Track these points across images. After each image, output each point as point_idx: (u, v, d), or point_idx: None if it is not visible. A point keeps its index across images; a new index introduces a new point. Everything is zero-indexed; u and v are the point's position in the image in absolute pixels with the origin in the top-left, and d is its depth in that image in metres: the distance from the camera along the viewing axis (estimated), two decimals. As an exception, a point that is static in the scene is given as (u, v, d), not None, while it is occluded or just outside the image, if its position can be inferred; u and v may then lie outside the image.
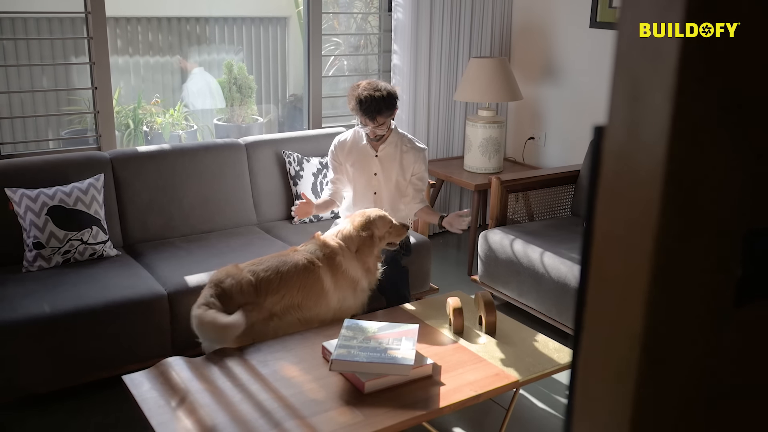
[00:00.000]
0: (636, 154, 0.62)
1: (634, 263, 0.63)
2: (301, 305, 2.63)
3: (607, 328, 0.67)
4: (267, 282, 2.58)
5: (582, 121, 4.26)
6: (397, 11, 4.27)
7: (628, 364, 0.65)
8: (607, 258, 0.67)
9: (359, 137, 3.19)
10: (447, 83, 4.48)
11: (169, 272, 2.98)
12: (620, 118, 0.63)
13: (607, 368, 0.67)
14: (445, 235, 4.69)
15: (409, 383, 2.22)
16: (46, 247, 2.92)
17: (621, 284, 0.65)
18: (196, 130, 5.80)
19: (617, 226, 0.65)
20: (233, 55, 6.05)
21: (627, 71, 0.62)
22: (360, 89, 3.01)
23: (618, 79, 0.63)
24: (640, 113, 0.61)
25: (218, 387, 2.21)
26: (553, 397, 2.86)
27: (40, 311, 2.59)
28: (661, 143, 0.60)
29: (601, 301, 0.68)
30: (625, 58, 0.62)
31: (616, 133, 0.64)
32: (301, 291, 2.63)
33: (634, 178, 0.63)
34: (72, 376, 2.68)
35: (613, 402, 0.67)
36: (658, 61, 0.59)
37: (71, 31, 5.28)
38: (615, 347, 0.66)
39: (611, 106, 0.64)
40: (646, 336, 0.63)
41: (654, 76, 0.60)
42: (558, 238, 3.43)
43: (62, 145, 4.69)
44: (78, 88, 5.00)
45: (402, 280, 3.09)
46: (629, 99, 0.62)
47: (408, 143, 3.19)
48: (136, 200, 3.31)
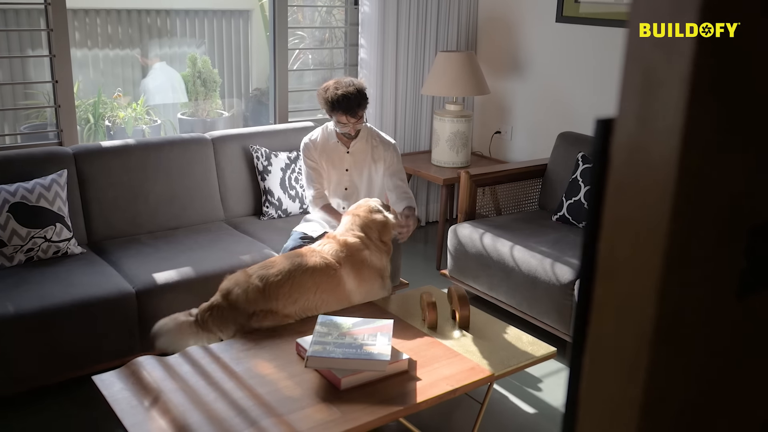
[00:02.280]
0: (648, 146, 0.62)
1: (645, 254, 0.63)
2: (319, 307, 2.59)
3: (615, 320, 0.67)
4: (277, 286, 2.51)
5: (548, 115, 4.30)
6: (364, 5, 4.25)
7: (639, 352, 0.65)
8: (617, 249, 0.67)
9: (328, 135, 3.18)
10: (414, 77, 4.48)
11: (136, 270, 2.91)
12: (632, 110, 0.63)
13: (616, 358, 0.67)
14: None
15: (385, 379, 2.21)
16: (8, 246, 2.83)
17: (631, 275, 0.65)
18: (159, 125, 5.69)
19: (628, 217, 0.65)
20: (195, 48, 5.95)
21: (639, 64, 0.62)
22: (331, 90, 3.00)
23: (629, 72, 0.63)
24: (653, 106, 0.61)
25: (191, 386, 2.17)
26: (525, 389, 2.89)
27: (3, 311, 2.50)
28: (674, 136, 0.60)
29: (610, 293, 0.68)
30: (636, 52, 0.62)
31: (627, 125, 0.64)
32: (319, 293, 2.58)
33: (645, 170, 0.63)
34: (39, 377, 2.61)
35: (623, 392, 0.67)
36: (672, 54, 0.59)
37: (27, 23, 5.12)
38: (624, 338, 0.66)
39: (622, 98, 0.64)
40: (657, 325, 0.63)
41: (667, 69, 0.60)
42: (527, 231, 3.46)
43: (20, 141, 4.54)
44: (38, 82, 4.86)
45: None
46: (641, 92, 0.62)
47: (377, 137, 3.21)
48: (101, 196, 3.23)
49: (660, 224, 0.62)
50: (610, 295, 0.68)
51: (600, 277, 0.69)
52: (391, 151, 3.21)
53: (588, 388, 0.71)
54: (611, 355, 0.68)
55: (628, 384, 0.67)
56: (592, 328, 0.70)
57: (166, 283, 2.84)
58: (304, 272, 2.57)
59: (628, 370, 0.66)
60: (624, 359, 0.67)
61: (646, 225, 0.63)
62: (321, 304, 2.60)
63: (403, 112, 4.50)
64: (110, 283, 2.78)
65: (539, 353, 2.44)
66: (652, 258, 0.63)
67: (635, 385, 0.66)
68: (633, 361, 0.65)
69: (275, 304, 2.51)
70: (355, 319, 2.44)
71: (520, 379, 2.92)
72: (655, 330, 0.64)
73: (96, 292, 2.70)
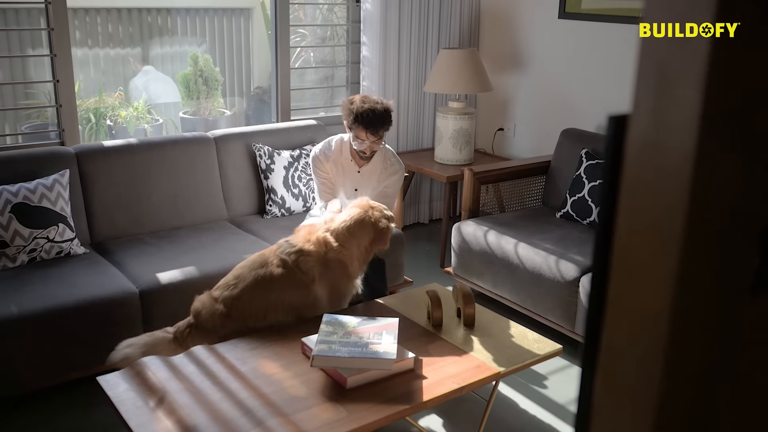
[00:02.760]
0: (663, 143, 0.61)
1: (661, 251, 0.62)
2: (287, 317, 2.53)
3: (630, 321, 0.66)
4: (241, 307, 2.45)
5: (551, 112, 4.29)
6: (366, 2, 4.23)
7: (654, 352, 0.64)
8: (631, 247, 0.66)
9: (342, 148, 3.04)
10: (416, 75, 4.47)
11: (139, 270, 2.90)
12: (646, 107, 0.62)
13: (631, 358, 0.66)
14: (415, 227, 4.69)
15: (391, 377, 2.20)
16: (11, 246, 2.82)
17: (646, 273, 0.64)
18: (161, 124, 5.68)
19: (642, 214, 0.64)
20: (196, 47, 5.94)
21: (653, 61, 0.61)
22: (358, 102, 2.87)
23: (644, 69, 0.62)
24: (668, 103, 0.60)
25: (197, 386, 2.16)
26: (530, 387, 2.88)
27: (6, 312, 2.50)
28: (690, 133, 0.59)
29: (624, 292, 0.67)
30: (651, 48, 0.61)
31: (641, 122, 0.63)
32: (287, 308, 2.51)
33: (660, 167, 0.62)
34: (43, 378, 2.60)
35: (638, 393, 0.66)
36: (687, 51, 0.58)
37: (27, 22, 5.11)
38: (639, 339, 0.65)
39: (636, 96, 0.63)
40: (673, 325, 0.62)
41: (683, 66, 0.59)
42: (531, 228, 3.45)
43: (21, 141, 4.53)
44: (39, 81, 4.85)
45: (379, 273, 3.07)
46: (655, 89, 0.61)
47: (391, 158, 3.05)
48: (103, 196, 3.22)
49: (676, 221, 0.61)
50: (624, 295, 0.67)
51: (614, 276, 0.68)
52: (398, 177, 3.06)
53: (602, 389, 0.70)
54: (625, 355, 0.67)
55: (643, 385, 0.66)
56: (606, 328, 0.69)
57: (170, 283, 2.83)
58: (269, 286, 2.47)
59: (643, 370, 0.65)
60: (639, 360, 0.66)
61: (662, 222, 0.62)
62: (292, 312, 2.52)
63: (405, 109, 4.49)
64: (114, 284, 2.77)
65: (545, 351, 2.43)
66: (667, 256, 0.62)
67: (650, 386, 0.65)
68: (648, 362, 0.64)
69: (244, 323, 2.45)
70: (360, 317, 2.43)
71: (525, 377, 2.91)
72: (670, 330, 0.63)
73: (99, 292, 2.69)
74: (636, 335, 0.66)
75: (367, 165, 3.03)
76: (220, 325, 2.45)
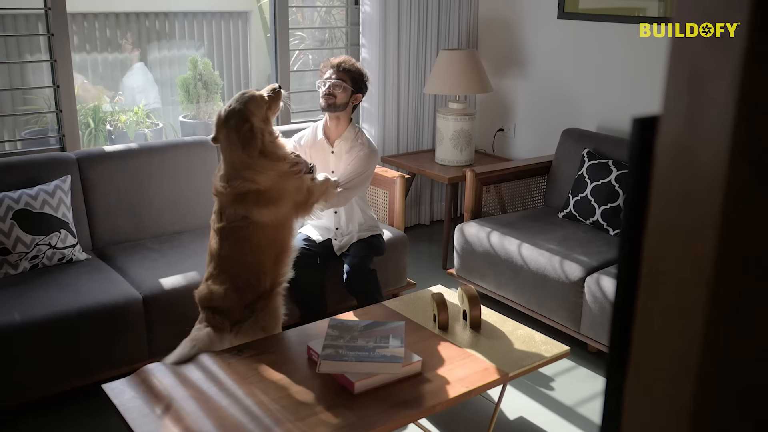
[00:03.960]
0: (696, 146, 0.60)
1: (694, 258, 0.61)
2: (280, 256, 2.58)
3: (661, 331, 0.65)
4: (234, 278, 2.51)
5: (551, 112, 4.28)
6: (365, 4, 4.22)
7: (687, 364, 0.63)
8: (662, 255, 0.64)
9: (317, 130, 3.13)
10: (416, 76, 4.46)
11: (142, 275, 2.89)
12: (678, 108, 0.61)
13: (663, 370, 0.65)
14: (416, 229, 4.68)
15: (399, 381, 2.19)
16: (13, 253, 2.80)
17: (680, 279, 0.63)
18: (161, 128, 5.66)
19: (674, 220, 0.63)
20: (194, 50, 5.93)
21: (685, 61, 0.60)
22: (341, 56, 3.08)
23: (674, 70, 0.61)
24: (701, 103, 0.59)
25: (203, 393, 2.14)
26: (537, 388, 2.87)
27: (10, 320, 2.48)
28: (724, 135, 0.58)
29: (655, 302, 0.66)
30: (682, 48, 0.60)
31: (672, 124, 0.62)
32: (264, 250, 2.53)
33: (693, 171, 0.60)
34: (46, 386, 2.58)
35: (671, 404, 0.65)
36: (720, 50, 0.57)
37: (25, 27, 5.10)
38: (671, 350, 0.64)
39: (667, 97, 0.62)
40: (707, 336, 0.61)
41: (716, 65, 0.58)
42: (534, 229, 3.44)
43: (20, 147, 4.51)
44: (40, 87, 4.83)
45: (371, 284, 3.05)
46: (687, 89, 0.60)
47: (363, 138, 3.07)
48: (105, 202, 3.21)
49: (710, 225, 0.60)
50: (655, 305, 0.66)
51: (644, 285, 0.67)
52: (363, 155, 3.00)
53: (632, 402, 0.69)
54: (657, 368, 0.66)
55: (676, 395, 0.64)
56: (636, 340, 0.68)
57: (173, 288, 2.82)
58: (239, 236, 2.50)
59: (676, 380, 0.64)
60: (671, 371, 0.64)
61: (695, 227, 0.61)
62: (276, 253, 2.58)
63: (405, 111, 4.48)
64: (117, 290, 2.75)
65: (553, 352, 2.42)
66: (701, 263, 0.61)
67: (684, 396, 0.64)
68: (681, 372, 0.63)
69: (257, 278, 2.52)
70: (367, 321, 2.42)
71: (531, 378, 2.90)
72: (704, 341, 0.62)
73: (103, 298, 2.68)
74: (668, 343, 0.65)
75: (339, 142, 3.05)
76: (236, 297, 2.48)
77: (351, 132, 3.06)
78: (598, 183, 3.45)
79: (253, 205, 2.49)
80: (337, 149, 3.06)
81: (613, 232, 3.39)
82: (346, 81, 2.97)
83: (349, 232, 3.15)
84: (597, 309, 2.92)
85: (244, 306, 2.51)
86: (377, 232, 3.21)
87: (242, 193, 2.50)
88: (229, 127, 2.53)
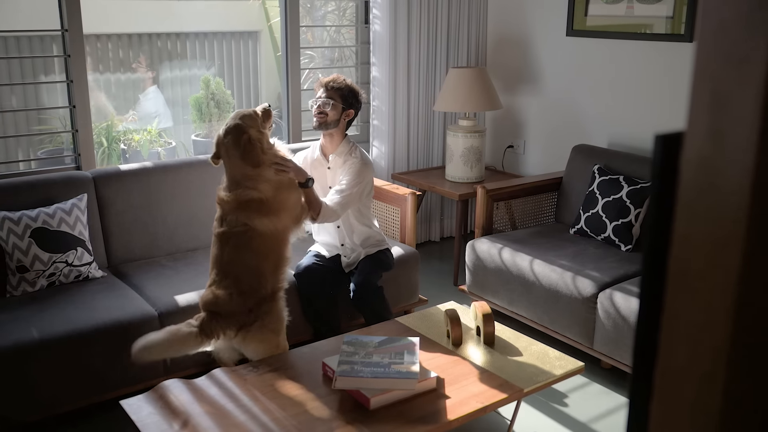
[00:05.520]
0: (721, 164, 0.62)
1: (719, 275, 0.63)
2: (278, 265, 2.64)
3: (687, 349, 0.67)
4: (237, 282, 2.56)
5: (561, 128, 4.31)
6: (375, 23, 4.27)
7: (714, 380, 0.64)
8: (687, 272, 0.66)
9: (314, 149, 3.20)
10: (426, 94, 4.50)
11: (157, 292, 2.91)
12: (702, 127, 0.63)
13: (689, 386, 0.67)
14: (426, 245, 4.69)
15: (414, 397, 2.20)
16: (30, 271, 2.84)
17: (705, 294, 0.64)
18: (174, 147, 5.72)
19: (699, 237, 0.65)
20: (205, 70, 6.00)
21: (708, 79, 0.62)
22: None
23: (699, 88, 0.63)
24: (724, 121, 0.61)
25: (220, 409, 2.16)
26: (551, 405, 2.87)
27: (28, 337, 2.50)
28: (748, 151, 0.60)
29: (681, 318, 0.67)
30: (706, 65, 0.62)
31: (697, 141, 0.64)
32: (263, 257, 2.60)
33: (717, 187, 0.62)
34: (64, 402, 2.60)
35: (697, 419, 0.66)
36: (744, 67, 0.59)
37: (40, 49, 5.17)
38: (697, 367, 0.66)
39: (691, 115, 0.64)
40: (732, 354, 0.63)
41: (740, 83, 0.60)
42: (546, 245, 3.45)
43: (35, 166, 4.57)
44: (56, 107, 4.90)
45: (378, 302, 3.07)
46: (711, 107, 0.62)
47: (356, 153, 3.10)
48: (120, 220, 3.24)
49: (734, 242, 0.61)
50: (680, 321, 0.67)
51: (670, 298, 0.68)
52: (354, 170, 3.01)
53: (659, 419, 0.70)
54: (683, 383, 0.67)
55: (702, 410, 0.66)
56: (661, 358, 0.69)
57: (188, 305, 2.84)
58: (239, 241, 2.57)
59: (703, 395, 0.65)
60: (697, 387, 0.66)
61: (720, 244, 0.63)
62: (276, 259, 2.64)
63: (415, 128, 4.52)
64: (132, 307, 2.77)
65: (567, 368, 2.42)
66: (726, 277, 0.62)
67: (712, 409, 0.65)
68: (708, 388, 0.64)
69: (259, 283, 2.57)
70: (381, 337, 2.44)
71: (545, 395, 2.90)
72: (730, 358, 0.63)
73: (119, 315, 2.70)
74: (694, 365, 0.66)
75: (334, 158, 3.10)
76: (241, 301, 2.53)
77: (345, 146, 3.12)
78: (609, 199, 3.47)
79: (254, 214, 2.59)
80: (333, 164, 3.12)
81: (624, 247, 3.40)
82: (335, 99, 3.04)
83: (355, 248, 3.17)
84: (610, 325, 2.92)
85: (248, 310, 2.55)
86: (384, 247, 3.22)
87: (245, 201, 2.59)
88: (228, 142, 2.66)
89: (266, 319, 2.58)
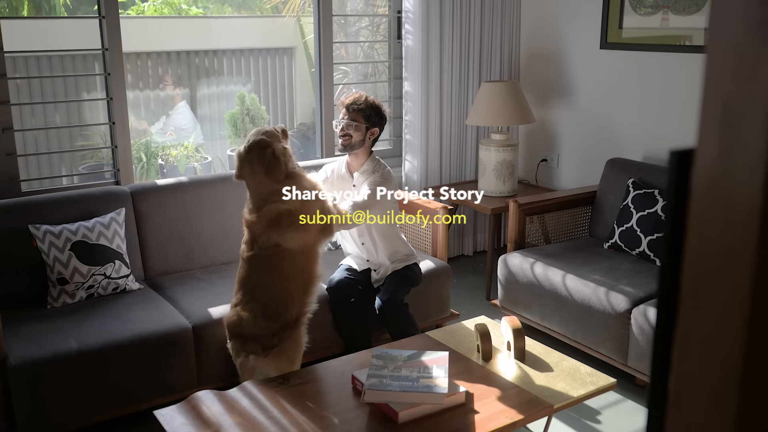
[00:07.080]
0: (732, 178, 0.62)
1: (732, 286, 0.63)
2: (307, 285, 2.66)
3: (701, 361, 0.67)
4: (264, 306, 2.60)
5: (595, 142, 4.27)
6: (407, 39, 4.31)
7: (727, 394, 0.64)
8: (700, 284, 0.66)
9: (340, 166, 3.22)
10: (458, 108, 4.51)
11: (192, 305, 2.97)
12: (712, 142, 0.63)
13: (703, 398, 0.66)
14: (459, 259, 4.68)
15: (443, 412, 2.20)
16: (70, 283, 2.91)
17: (717, 308, 0.64)
18: (210, 162, 5.83)
19: (711, 250, 0.65)
20: (241, 86, 6.10)
21: (718, 95, 0.62)
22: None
23: (709, 103, 0.63)
24: (734, 137, 0.61)
25: (250, 420, 2.18)
26: (583, 422, 2.83)
27: (67, 347, 2.57)
28: (758, 167, 0.60)
29: (694, 331, 0.67)
30: (716, 80, 0.62)
31: (707, 157, 0.64)
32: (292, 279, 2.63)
33: (728, 202, 0.62)
34: (100, 411, 2.66)
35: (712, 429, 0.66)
36: (753, 81, 0.59)
37: (83, 67, 5.33)
38: (711, 380, 0.65)
39: (702, 130, 0.64)
40: (746, 365, 0.62)
41: (750, 98, 0.60)
42: (579, 260, 3.42)
43: (77, 181, 4.69)
44: (97, 124, 5.04)
45: (403, 318, 3.05)
46: (721, 123, 0.62)
47: (378, 168, 3.10)
48: (157, 233, 3.31)
49: (746, 258, 0.61)
50: (693, 336, 0.67)
51: (683, 313, 0.68)
52: (372, 179, 3.02)
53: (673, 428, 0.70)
54: (696, 399, 0.67)
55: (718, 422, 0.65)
56: (675, 374, 0.69)
57: (222, 317, 2.88)
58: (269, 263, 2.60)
59: (716, 411, 0.65)
60: (710, 403, 0.65)
61: (732, 257, 0.63)
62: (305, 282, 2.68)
63: (448, 142, 4.53)
64: (168, 319, 2.83)
65: (599, 384, 2.39)
66: (737, 290, 0.62)
67: (726, 422, 0.65)
68: (721, 404, 0.64)
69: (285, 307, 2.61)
70: (410, 351, 2.44)
71: (577, 411, 2.86)
72: (744, 370, 0.63)
73: (154, 327, 2.75)
74: (708, 377, 0.66)
75: (359, 176, 3.11)
76: (261, 326, 2.58)
77: (370, 164, 3.11)
78: (643, 213, 3.42)
79: (285, 228, 2.59)
80: (357, 182, 3.13)
81: (660, 262, 3.35)
82: (358, 120, 3.03)
83: (381, 263, 3.18)
84: (644, 341, 2.88)
85: (271, 334, 2.58)
86: (412, 262, 3.22)
87: (274, 217, 2.61)
88: (252, 158, 2.66)
89: (285, 345, 2.62)
